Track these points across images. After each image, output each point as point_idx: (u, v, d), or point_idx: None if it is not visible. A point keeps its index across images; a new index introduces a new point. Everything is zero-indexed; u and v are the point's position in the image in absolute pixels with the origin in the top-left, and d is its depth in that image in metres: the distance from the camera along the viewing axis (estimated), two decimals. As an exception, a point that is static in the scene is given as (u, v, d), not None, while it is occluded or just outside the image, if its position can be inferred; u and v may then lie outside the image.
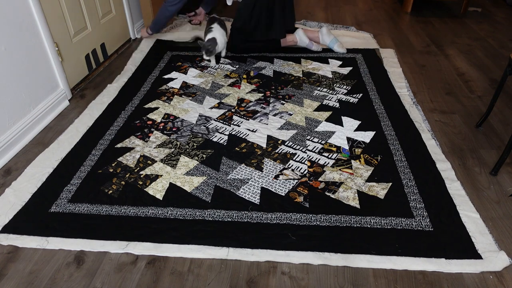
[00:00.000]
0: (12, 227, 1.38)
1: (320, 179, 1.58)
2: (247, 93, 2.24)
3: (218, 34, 2.51)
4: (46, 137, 1.91)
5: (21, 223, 1.40)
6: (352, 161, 1.67)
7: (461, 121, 1.96)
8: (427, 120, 1.95)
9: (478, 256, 1.24)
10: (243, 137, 1.85)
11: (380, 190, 1.51)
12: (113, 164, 1.68)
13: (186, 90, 2.28)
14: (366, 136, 1.83)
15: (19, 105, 1.86)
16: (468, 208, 1.43)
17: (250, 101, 2.15)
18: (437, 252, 1.25)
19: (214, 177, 1.59)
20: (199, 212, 1.43)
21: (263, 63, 2.58)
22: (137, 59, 2.70)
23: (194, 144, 1.80)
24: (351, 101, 2.14)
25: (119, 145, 1.80)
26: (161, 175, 1.61)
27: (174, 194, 1.51)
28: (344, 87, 2.28)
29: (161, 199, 1.49)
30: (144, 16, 3.08)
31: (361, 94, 2.20)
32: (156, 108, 2.09)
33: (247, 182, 1.56)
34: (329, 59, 2.63)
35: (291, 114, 2.02)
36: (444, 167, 1.62)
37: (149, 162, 1.69)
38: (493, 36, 3.05)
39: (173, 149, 1.77)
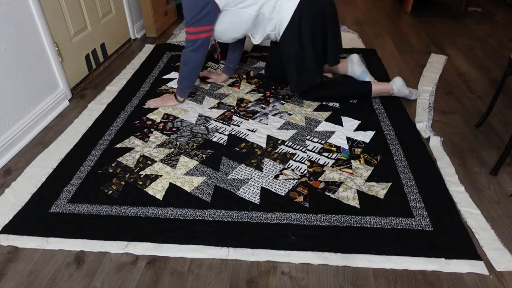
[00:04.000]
0: (12, 227, 1.38)
1: (320, 179, 1.58)
2: (247, 93, 2.24)
3: None
4: (46, 137, 1.91)
5: (21, 224, 1.40)
6: (352, 161, 1.67)
7: (461, 121, 1.96)
8: (427, 120, 1.95)
9: (478, 256, 1.24)
10: (243, 137, 1.85)
11: (380, 190, 1.51)
12: (112, 164, 1.68)
13: (186, 90, 2.28)
14: (366, 136, 1.83)
15: (19, 105, 1.86)
16: (469, 204, 1.43)
17: (250, 101, 2.15)
18: (437, 252, 1.25)
19: (214, 177, 1.59)
20: (199, 212, 1.43)
21: (263, 63, 2.58)
22: (137, 61, 2.70)
23: (194, 144, 1.80)
24: (351, 101, 2.14)
25: (118, 145, 1.80)
26: (161, 175, 1.61)
27: (174, 194, 1.51)
28: (344, 87, 2.28)
29: (161, 199, 1.49)
30: (144, 16, 3.08)
31: (361, 94, 2.19)
32: (156, 108, 2.09)
33: (247, 182, 1.56)
34: (329, 59, 2.63)
35: (291, 114, 2.02)
36: (444, 167, 1.62)
37: (148, 162, 1.69)
38: (493, 36, 3.05)
39: (172, 149, 1.77)
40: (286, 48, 1.90)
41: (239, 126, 1.93)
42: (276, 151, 1.75)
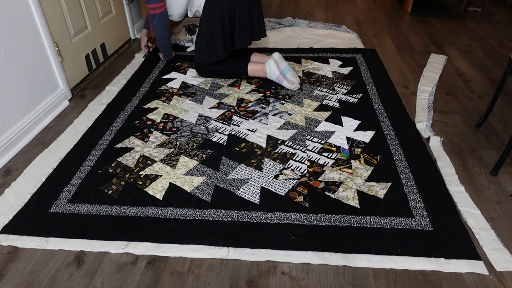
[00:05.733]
0: (12, 227, 1.38)
1: (319, 178, 1.58)
2: (247, 93, 2.24)
3: None
4: (46, 137, 1.91)
5: (21, 224, 1.40)
6: (352, 161, 1.67)
7: (461, 121, 1.96)
8: (427, 120, 1.95)
9: (478, 256, 1.24)
10: (242, 137, 1.85)
11: (379, 189, 1.51)
12: (112, 164, 1.68)
13: (186, 90, 2.28)
14: (366, 136, 1.83)
15: (19, 105, 1.86)
16: (469, 204, 1.43)
17: (250, 101, 2.15)
18: (436, 252, 1.25)
19: (214, 177, 1.59)
20: (199, 212, 1.43)
21: (263, 63, 2.57)
22: (137, 61, 2.70)
23: (194, 144, 1.80)
24: (351, 101, 2.14)
25: (118, 145, 1.80)
26: (161, 175, 1.61)
27: (174, 194, 1.51)
28: (344, 87, 2.28)
29: (161, 199, 1.49)
30: (144, 16, 3.08)
31: (361, 94, 2.20)
32: (156, 108, 2.10)
33: (247, 182, 1.56)
34: (329, 59, 2.63)
35: (291, 114, 2.02)
36: (444, 167, 1.62)
37: (148, 162, 1.69)
38: (493, 36, 3.05)
39: (172, 149, 1.77)
40: (201, 26, 2.26)
41: (239, 126, 1.93)
42: (276, 151, 1.75)
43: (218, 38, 2.20)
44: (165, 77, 2.44)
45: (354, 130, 1.88)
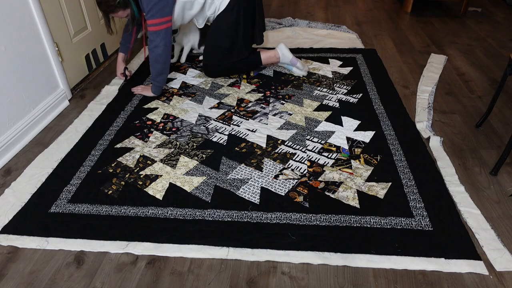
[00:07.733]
0: (12, 227, 1.38)
1: (319, 178, 1.58)
2: (247, 93, 2.24)
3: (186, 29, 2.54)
4: (46, 137, 1.91)
5: (21, 224, 1.40)
6: (352, 161, 1.67)
7: (461, 121, 1.96)
8: (427, 120, 1.95)
9: (478, 256, 1.24)
10: (242, 137, 1.85)
11: (379, 189, 1.51)
12: (112, 164, 1.68)
13: (186, 90, 2.28)
14: (366, 136, 1.83)
15: (19, 105, 1.86)
16: (469, 204, 1.43)
17: (250, 101, 2.15)
18: (436, 252, 1.25)
19: (214, 177, 1.59)
20: (199, 212, 1.43)
21: (263, 63, 2.57)
22: (136, 61, 2.70)
23: (194, 144, 1.80)
24: (351, 101, 2.14)
25: (118, 145, 1.80)
26: (161, 175, 1.61)
27: (174, 194, 1.51)
28: (344, 87, 2.28)
29: (161, 199, 1.49)
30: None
31: (361, 94, 2.20)
32: (156, 108, 2.10)
33: (247, 182, 1.56)
34: (329, 59, 2.63)
35: (291, 114, 2.02)
36: (444, 167, 1.62)
37: (148, 162, 1.69)
38: (493, 36, 3.05)
39: (172, 149, 1.77)
40: (220, 28, 2.13)
41: (239, 126, 1.93)
42: (276, 151, 1.75)
43: (241, 36, 2.18)
44: (165, 77, 2.43)
45: (354, 130, 1.88)
